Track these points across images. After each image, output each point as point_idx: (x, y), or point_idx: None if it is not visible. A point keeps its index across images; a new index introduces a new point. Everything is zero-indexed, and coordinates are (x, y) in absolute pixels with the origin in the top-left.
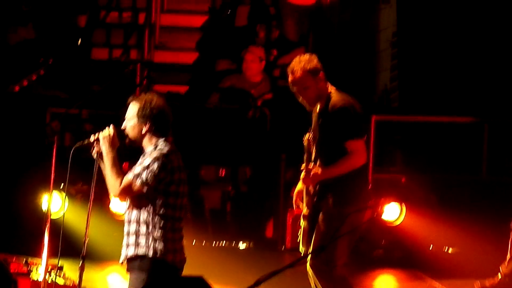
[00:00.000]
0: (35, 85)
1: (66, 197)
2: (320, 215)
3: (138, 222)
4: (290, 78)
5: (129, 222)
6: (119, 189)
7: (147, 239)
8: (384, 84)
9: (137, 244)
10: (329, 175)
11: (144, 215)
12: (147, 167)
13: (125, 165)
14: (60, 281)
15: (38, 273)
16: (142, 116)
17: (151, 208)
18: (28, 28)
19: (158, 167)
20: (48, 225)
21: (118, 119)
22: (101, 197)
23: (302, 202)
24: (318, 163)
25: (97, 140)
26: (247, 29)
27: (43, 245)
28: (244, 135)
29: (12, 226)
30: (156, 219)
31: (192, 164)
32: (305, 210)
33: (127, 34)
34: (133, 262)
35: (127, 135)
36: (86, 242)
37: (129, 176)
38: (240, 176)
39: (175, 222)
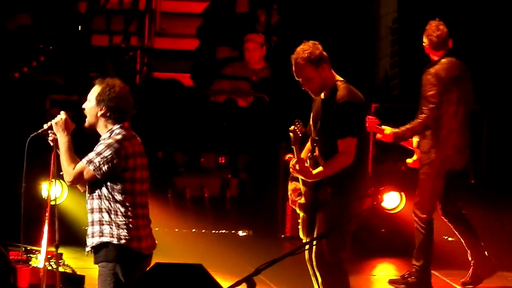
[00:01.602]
0: (34, 72)
1: (64, 184)
2: (320, 206)
3: (100, 210)
4: (293, 69)
5: (92, 211)
6: (72, 174)
7: (110, 226)
8: (384, 70)
9: (101, 233)
10: (317, 178)
11: (105, 203)
12: (100, 153)
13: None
14: (60, 268)
15: (38, 261)
16: (100, 100)
17: (110, 195)
18: (27, 15)
19: (111, 153)
20: (47, 213)
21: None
22: None
23: (299, 196)
24: (316, 152)
25: (51, 127)
26: (248, 16)
27: (43, 232)
28: (243, 123)
29: (12, 214)
30: (116, 206)
31: (192, 152)
32: (302, 200)
33: (128, 20)
34: (98, 251)
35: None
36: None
37: (83, 162)
38: (240, 163)
39: (137, 208)
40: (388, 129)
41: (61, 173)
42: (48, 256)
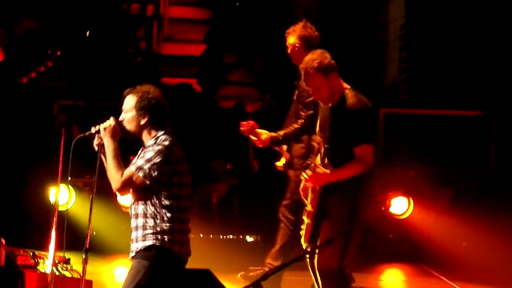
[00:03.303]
0: (41, 77)
1: (72, 189)
2: (327, 211)
3: (145, 215)
4: (303, 78)
5: (136, 216)
6: (120, 181)
7: (155, 231)
8: (392, 76)
9: (143, 237)
10: (333, 179)
11: (151, 208)
12: (150, 160)
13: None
14: (67, 273)
15: (45, 266)
16: (141, 108)
17: (157, 200)
18: (34, 19)
19: (161, 160)
20: (55, 218)
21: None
22: (108, 190)
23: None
24: (325, 161)
25: (98, 131)
26: None
27: (50, 238)
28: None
29: (20, 219)
30: (163, 211)
31: (200, 157)
32: (309, 207)
33: (135, 26)
34: (139, 252)
35: (124, 128)
36: (89, 235)
37: (131, 169)
38: (248, 169)
39: (182, 213)
40: (265, 134)
41: (69, 178)
42: (56, 261)
